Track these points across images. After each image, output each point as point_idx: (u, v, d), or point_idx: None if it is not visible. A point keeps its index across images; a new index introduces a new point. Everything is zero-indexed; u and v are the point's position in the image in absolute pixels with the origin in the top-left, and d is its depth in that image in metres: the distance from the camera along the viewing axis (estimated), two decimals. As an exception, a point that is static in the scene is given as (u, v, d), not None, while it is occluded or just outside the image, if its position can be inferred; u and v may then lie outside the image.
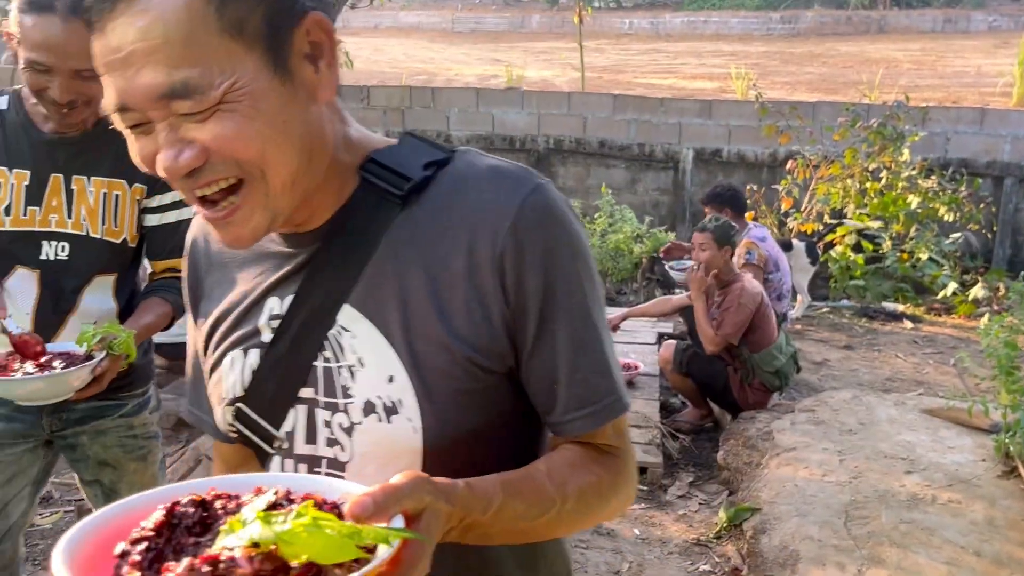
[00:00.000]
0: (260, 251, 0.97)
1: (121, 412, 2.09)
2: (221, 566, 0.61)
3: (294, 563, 0.63)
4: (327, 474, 0.93)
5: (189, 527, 0.69)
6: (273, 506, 0.69)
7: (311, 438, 0.94)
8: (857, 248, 6.45)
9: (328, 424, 0.93)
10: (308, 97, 0.84)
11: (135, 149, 0.86)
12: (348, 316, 0.90)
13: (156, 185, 1.99)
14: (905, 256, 6.48)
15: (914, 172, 6.60)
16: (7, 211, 1.87)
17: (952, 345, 5.68)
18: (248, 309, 0.97)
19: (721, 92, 10.50)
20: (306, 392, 0.93)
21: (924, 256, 6.38)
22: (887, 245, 6.46)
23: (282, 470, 0.96)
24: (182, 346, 0.81)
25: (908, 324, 6.19)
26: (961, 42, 16.61)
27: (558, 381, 0.90)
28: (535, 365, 0.90)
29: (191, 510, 0.69)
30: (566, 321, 0.89)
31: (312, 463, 0.95)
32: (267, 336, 0.95)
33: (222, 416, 1.00)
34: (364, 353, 0.90)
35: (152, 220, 2.02)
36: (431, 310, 0.88)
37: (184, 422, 3.68)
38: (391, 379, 0.88)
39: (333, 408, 0.92)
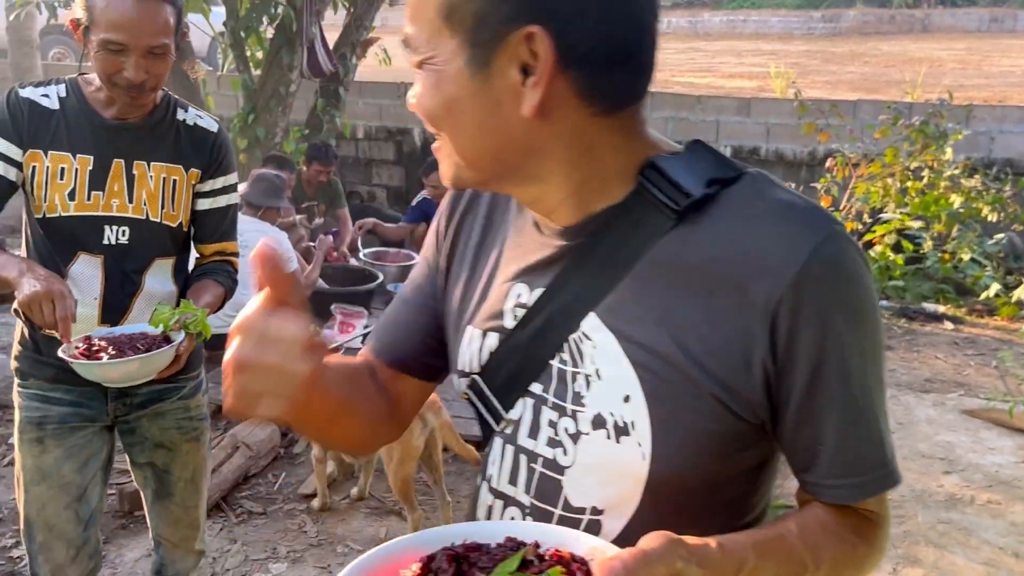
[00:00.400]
0: (522, 227, 0.97)
1: (180, 395, 2.13)
2: None
3: None
4: (541, 475, 0.93)
5: None
6: (523, 564, 0.71)
7: (533, 433, 0.94)
8: (897, 248, 6.36)
9: (553, 425, 0.92)
10: (507, 101, 0.82)
11: None
12: (592, 325, 0.88)
13: (210, 170, 2.04)
14: (947, 256, 6.36)
15: (957, 171, 6.47)
16: (71, 196, 1.89)
17: (994, 347, 5.57)
18: (497, 287, 0.97)
19: (760, 91, 10.38)
20: (536, 388, 0.93)
21: (966, 257, 6.26)
22: (928, 245, 6.35)
23: (502, 455, 0.97)
24: (222, 338, 0.81)
25: (948, 325, 6.08)
26: (1008, 41, 16.26)
27: (823, 443, 0.85)
28: (798, 424, 0.84)
29: (445, 566, 0.72)
30: (840, 386, 0.83)
31: (531, 458, 0.94)
32: (509, 322, 0.95)
33: (457, 382, 1.03)
34: (603, 365, 0.87)
35: (204, 204, 2.06)
36: (683, 339, 0.83)
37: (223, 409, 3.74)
38: (627, 399, 0.85)
39: (560, 411, 0.91)
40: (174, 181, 1.99)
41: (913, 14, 19.15)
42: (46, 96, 1.91)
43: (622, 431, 0.86)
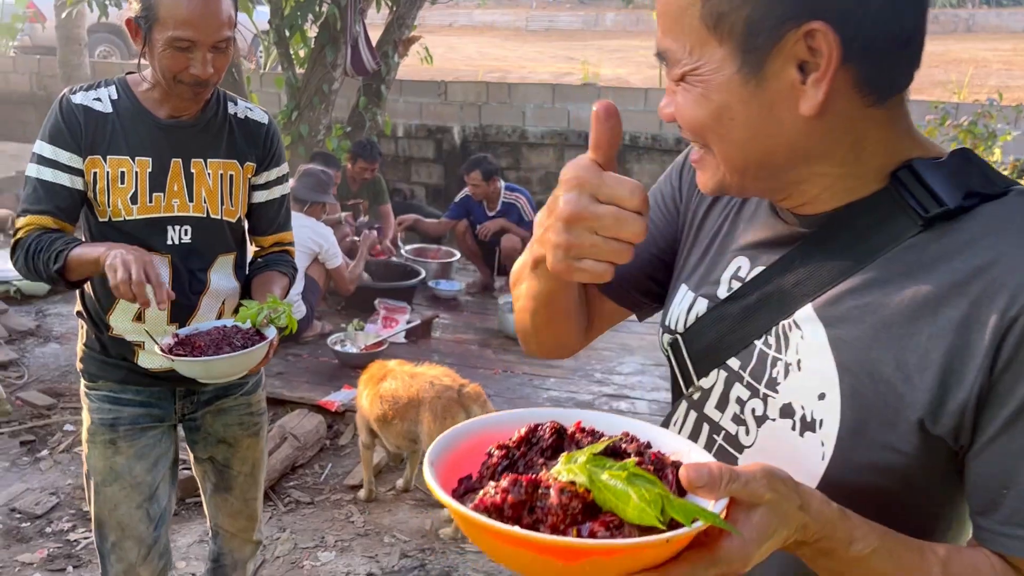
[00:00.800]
0: (756, 201, 0.96)
1: (243, 391, 2.15)
2: (539, 490, 0.67)
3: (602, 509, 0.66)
4: (720, 448, 0.93)
5: (543, 449, 0.76)
6: (613, 452, 0.73)
7: (721, 406, 0.93)
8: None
9: (741, 403, 0.91)
10: (782, 102, 0.79)
11: None
12: (806, 315, 0.85)
13: (264, 162, 2.04)
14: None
15: (1006, 172, 6.38)
16: (133, 199, 1.88)
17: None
18: (719, 254, 0.97)
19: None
20: (734, 363, 0.92)
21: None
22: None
23: (685, 418, 0.98)
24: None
25: None
26: (1055, 42, 15.93)
27: (1010, 487, 0.77)
28: (989, 458, 0.78)
29: (547, 435, 0.76)
30: None
31: (714, 428, 0.94)
32: (722, 292, 0.94)
33: (661, 337, 1.04)
34: (805, 357, 0.85)
35: (260, 196, 2.06)
36: (899, 349, 0.79)
37: (271, 400, 3.80)
38: (822, 396, 0.83)
39: (753, 391, 0.90)
40: (231, 176, 1.98)
41: (957, 14, 18.84)
42: (98, 100, 1.88)
43: (808, 426, 0.84)
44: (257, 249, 2.17)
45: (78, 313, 2.02)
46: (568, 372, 4.73)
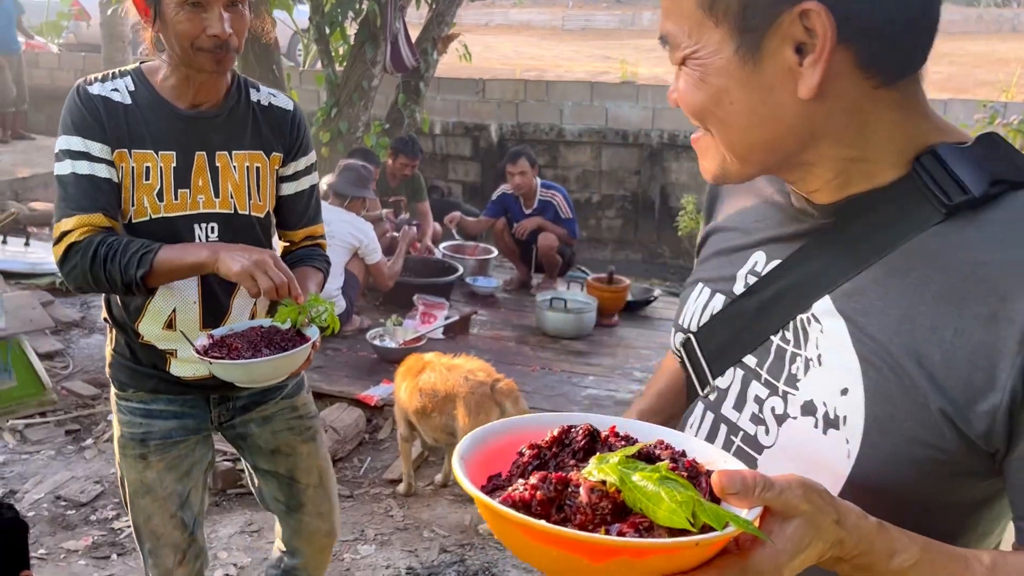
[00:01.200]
0: (770, 198, 0.95)
1: (283, 394, 2.03)
2: (568, 489, 0.66)
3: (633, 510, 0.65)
4: (738, 449, 0.90)
5: (575, 450, 0.75)
6: (646, 457, 0.72)
7: (739, 405, 0.91)
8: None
9: (760, 401, 0.88)
10: (780, 84, 0.77)
11: None
12: (825, 308, 0.83)
13: (291, 151, 1.93)
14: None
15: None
16: (159, 196, 1.77)
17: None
18: (734, 251, 0.97)
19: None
20: (750, 360, 0.90)
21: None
22: None
23: (701, 420, 0.96)
24: None
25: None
26: (1105, 41, 15.57)
27: None
28: None
29: (580, 437, 0.75)
30: None
31: (732, 429, 0.92)
32: (739, 287, 0.93)
33: (673, 337, 1.03)
34: (826, 352, 0.82)
35: (288, 188, 1.95)
36: (921, 343, 0.76)
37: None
38: (844, 391, 0.80)
39: (772, 389, 0.87)
40: (257, 168, 1.86)
41: (1002, 13, 18.48)
42: (116, 91, 1.75)
43: (832, 424, 0.80)
44: (287, 244, 2.05)
45: (105, 319, 1.94)
46: (607, 371, 4.70)
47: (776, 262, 0.89)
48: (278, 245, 2.06)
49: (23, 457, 3.79)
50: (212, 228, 1.82)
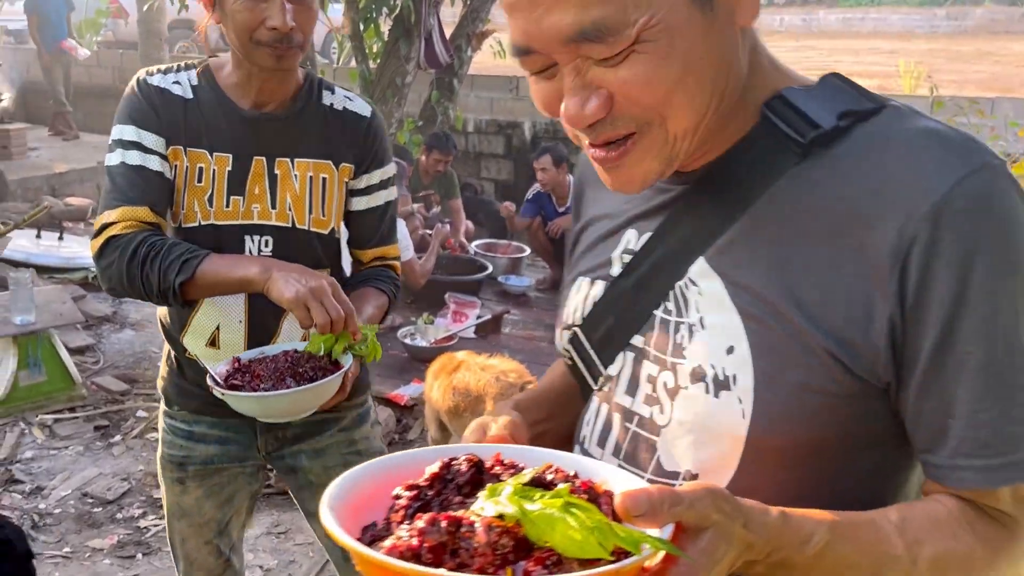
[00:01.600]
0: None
1: (340, 426, 1.82)
2: (462, 529, 0.59)
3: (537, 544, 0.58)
4: (634, 435, 0.86)
5: (460, 485, 0.67)
6: (540, 483, 0.64)
7: (631, 389, 0.87)
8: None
9: (651, 380, 0.84)
10: (727, 22, 0.74)
11: (536, 93, 0.80)
12: (700, 270, 0.81)
13: (364, 163, 1.73)
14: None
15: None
16: (210, 202, 1.62)
17: None
18: (607, 236, 0.92)
19: (880, 90, 9.93)
20: (638, 340, 0.86)
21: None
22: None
23: (596, 415, 0.91)
24: None
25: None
26: None
27: (953, 415, 0.72)
28: (925, 389, 0.73)
29: (464, 468, 0.67)
30: (981, 345, 0.70)
31: (626, 416, 0.87)
32: (616, 269, 0.90)
33: (559, 338, 0.97)
34: (707, 314, 0.80)
35: (360, 203, 1.75)
36: (796, 286, 0.74)
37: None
38: (730, 350, 0.77)
39: (661, 364, 0.83)
40: (323, 180, 1.68)
41: (1048, 12, 18.06)
42: (177, 83, 1.64)
43: (722, 385, 0.77)
44: (355, 263, 1.86)
45: (162, 327, 1.80)
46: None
47: (648, 235, 0.86)
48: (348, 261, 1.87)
49: (51, 453, 3.76)
50: (266, 242, 1.65)
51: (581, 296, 0.93)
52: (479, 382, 3.30)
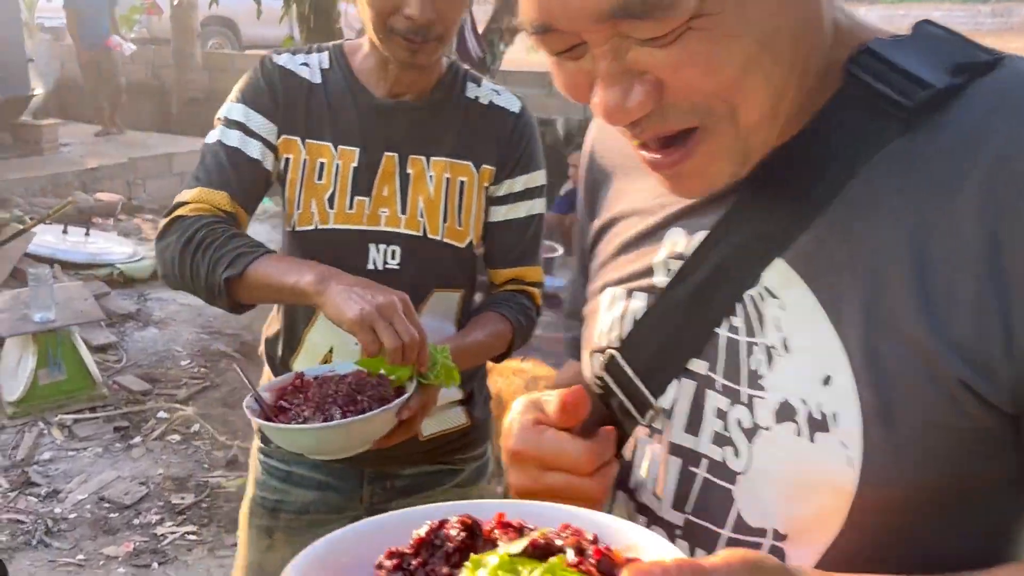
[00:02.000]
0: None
1: (455, 480, 1.60)
2: None
3: None
4: (705, 484, 0.69)
5: (449, 553, 0.56)
6: (543, 548, 0.53)
7: (693, 427, 0.69)
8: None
9: (722, 415, 0.67)
10: None
11: (558, 77, 0.62)
12: (779, 275, 0.64)
13: (507, 166, 1.49)
14: None
15: None
16: (330, 202, 1.42)
17: None
18: (642, 237, 0.74)
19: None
20: (698, 366, 0.68)
21: None
22: None
23: (650, 458, 0.73)
24: None
25: None
26: None
27: None
28: None
29: (455, 532, 0.56)
30: None
31: (690, 459, 0.69)
32: (661, 279, 0.71)
33: (588, 363, 0.78)
34: (793, 333, 0.63)
35: (499, 213, 1.50)
36: (914, 294, 0.58)
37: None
38: (827, 380, 0.61)
39: (732, 396, 0.66)
40: (461, 183, 1.45)
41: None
42: (305, 65, 1.45)
43: (819, 426, 0.61)
44: (490, 285, 1.59)
45: (261, 353, 1.59)
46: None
47: (702, 234, 0.68)
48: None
49: (69, 454, 3.67)
50: (392, 253, 1.43)
51: (617, 312, 0.75)
52: (510, 386, 3.20)
